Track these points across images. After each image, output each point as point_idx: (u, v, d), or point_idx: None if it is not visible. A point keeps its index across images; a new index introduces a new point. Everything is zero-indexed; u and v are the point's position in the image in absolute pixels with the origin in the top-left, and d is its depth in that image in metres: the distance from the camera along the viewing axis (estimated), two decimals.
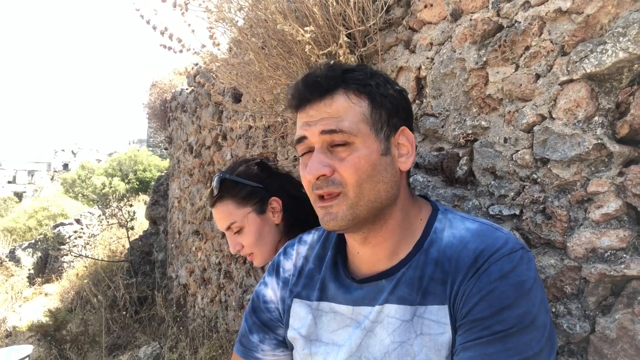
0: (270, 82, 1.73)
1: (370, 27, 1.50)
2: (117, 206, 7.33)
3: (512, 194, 1.09)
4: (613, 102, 0.89)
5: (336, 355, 0.83)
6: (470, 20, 1.19)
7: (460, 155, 1.24)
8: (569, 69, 0.94)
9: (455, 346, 0.73)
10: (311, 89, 0.81)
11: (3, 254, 10.58)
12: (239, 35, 1.74)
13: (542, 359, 0.67)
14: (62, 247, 9.71)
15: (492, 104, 1.14)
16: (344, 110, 0.79)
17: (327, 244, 0.96)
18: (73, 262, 9.62)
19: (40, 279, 9.75)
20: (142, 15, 1.85)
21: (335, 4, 1.45)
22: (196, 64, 3.25)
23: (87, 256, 8.51)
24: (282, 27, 1.28)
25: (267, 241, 1.36)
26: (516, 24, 1.06)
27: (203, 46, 1.93)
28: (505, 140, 1.10)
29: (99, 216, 10.05)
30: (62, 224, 10.35)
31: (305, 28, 1.33)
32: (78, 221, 10.50)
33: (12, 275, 9.59)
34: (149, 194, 9.26)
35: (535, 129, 1.02)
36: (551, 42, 0.98)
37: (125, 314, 5.53)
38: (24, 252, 10.98)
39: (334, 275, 0.90)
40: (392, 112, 0.83)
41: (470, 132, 1.21)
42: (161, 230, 6.95)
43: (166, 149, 7.30)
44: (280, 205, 1.39)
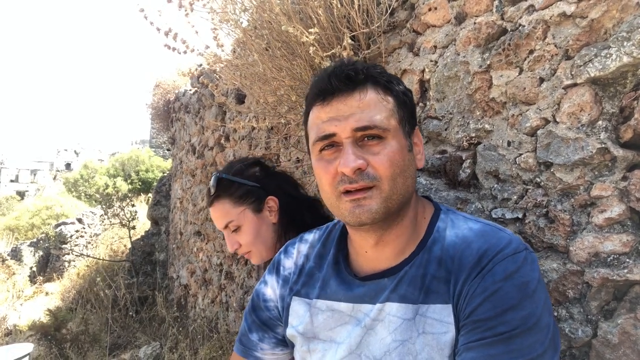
0: (274, 83, 1.74)
1: (374, 29, 1.51)
2: (120, 206, 7.35)
3: (515, 197, 1.09)
4: (617, 106, 0.89)
5: (335, 353, 0.83)
6: (475, 23, 1.19)
7: (464, 158, 1.24)
8: (573, 73, 0.94)
9: (457, 346, 0.72)
10: (343, 81, 0.79)
11: (5, 252, 10.60)
12: (243, 36, 1.75)
13: None
14: (63, 246, 9.73)
15: (496, 107, 1.14)
16: (374, 105, 0.79)
17: (328, 242, 0.97)
18: (74, 261, 9.63)
19: (41, 278, 9.76)
20: (146, 16, 1.86)
21: (339, 6, 1.45)
22: (200, 65, 3.26)
23: (89, 255, 8.53)
24: (286, 29, 1.29)
25: (264, 239, 1.37)
26: (520, 27, 1.06)
27: (207, 47, 1.94)
28: (509, 143, 1.10)
29: (100, 216, 10.07)
30: (64, 223, 10.38)
31: (310, 30, 1.33)
32: (80, 220, 10.52)
33: (14, 274, 9.60)
34: (151, 194, 9.27)
35: (538, 132, 1.02)
36: (555, 46, 0.98)
37: (126, 313, 5.53)
38: (26, 250, 11.00)
39: (336, 273, 0.90)
40: (411, 110, 0.86)
41: (473, 135, 1.21)
42: (163, 230, 6.96)
43: (169, 150, 7.32)
44: (277, 204, 1.40)
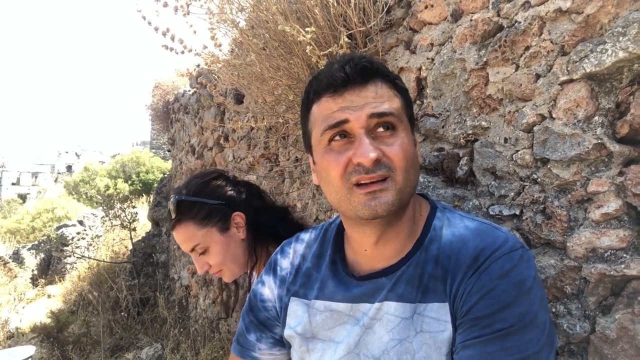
0: (272, 82, 1.74)
1: (370, 27, 1.51)
2: (121, 207, 7.36)
3: (512, 194, 1.09)
4: (613, 101, 0.89)
5: (334, 352, 0.83)
6: (471, 20, 1.19)
7: (461, 156, 1.24)
8: (569, 68, 0.94)
9: (455, 344, 0.72)
10: (359, 73, 0.79)
11: (6, 255, 10.61)
12: (240, 36, 1.75)
13: (542, 357, 0.67)
14: (65, 248, 9.74)
15: (493, 104, 1.14)
16: (388, 98, 0.79)
17: (325, 242, 0.96)
18: (76, 263, 9.65)
19: (43, 280, 9.77)
20: (144, 17, 1.86)
21: (336, 4, 1.45)
22: (198, 66, 3.26)
23: (90, 257, 8.54)
24: (283, 28, 1.29)
25: (234, 257, 1.32)
26: (516, 24, 1.06)
27: (205, 47, 1.94)
28: (506, 140, 1.10)
29: (102, 218, 10.09)
30: (65, 226, 10.39)
31: (307, 29, 1.33)
32: (81, 222, 10.53)
33: (16, 277, 9.62)
34: (151, 195, 9.27)
35: (535, 129, 1.02)
36: (551, 42, 0.98)
37: (127, 315, 5.54)
38: (28, 253, 11.01)
39: (333, 274, 0.89)
40: (412, 109, 0.88)
41: (470, 132, 1.21)
42: (164, 231, 6.97)
43: (169, 151, 7.33)
44: (244, 219, 1.34)
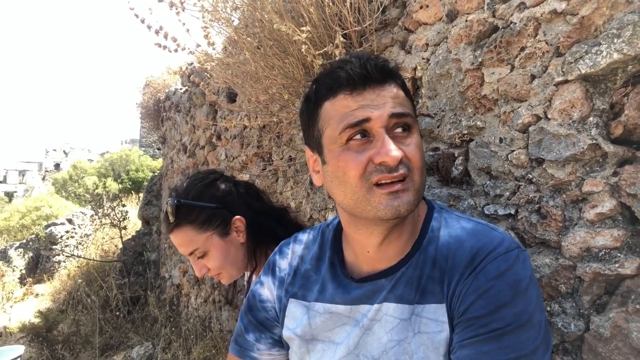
0: (266, 81, 1.73)
1: (366, 27, 1.51)
2: (110, 206, 7.29)
3: (507, 193, 1.10)
4: (607, 102, 0.90)
5: (333, 353, 0.83)
6: (466, 21, 1.19)
7: (456, 155, 1.24)
8: (564, 69, 0.95)
9: (452, 344, 0.73)
10: (378, 71, 0.78)
11: None
12: (234, 34, 1.74)
13: (537, 357, 0.68)
14: (54, 247, 9.64)
15: (488, 104, 1.15)
16: (403, 98, 0.80)
17: (323, 244, 0.96)
18: (65, 262, 9.55)
19: (31, 279, 9.66)
20: (136, 15, 1.84)
21: (331, 4, 1.45)
22: (191, 64, 3.24)
23: (80, 256, 8.45)
24: (278, 27, 1.28)
25: (233, 261, 1.30)
26: (512, 25, 1.06)
27: (198, 45, 1.93)
28: (501, 140, 1.11)
29: (91, 216, 9.99)
30: (54, 224, 10.28)
31: (302, 28, 1.33)
32: (70, 221, 10.42)
33: (3, 276, 9.50)
34: (141, 194, 9.21)
35: (530, 129, 1.03)
36: (546, 43, 0.99)
37: (118, 314, 5.50)
38: (15, 252, 10.87)
39: (332, 276, 0.89)
40: (416, 110, 0.89)
41: (465, 132, 1.21)
42: (154, 230, 6.93)
43: (159, 149, 7.28)
44: (244, 223, 1.31)
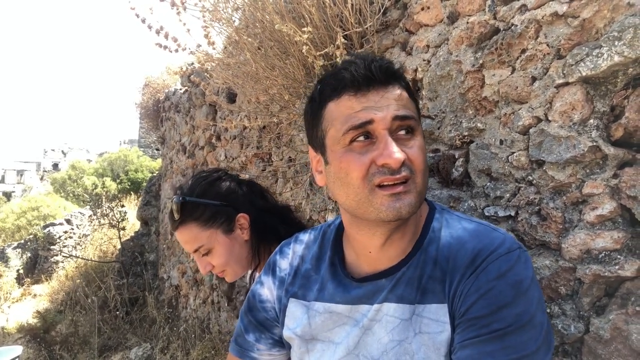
0: (266, 82, 1.73)
1: (367, 28, 1.51)
2: (109, 206, 7.29)
3: (507, 195, 1.10)
4: (608, 105, 0.90)
5: (333, 353, 0.83)
6: (467, 23, 1.19)
7: (456, 157, 1.25)
8: (564, 72, 0.95)
9: (453, 344, 0.73)
10: (383, 72, 0.78)
11: None
12: (235, 34, 1.74)
13: (539, 357, 0.68)
14: (52, 247, 9.62)
15: (488, 106, 1.15)
16: (407, 101, 0.80)
17: (324, 244, 0.96)
18: (63, 262, 9.53)
19: (29, 280, 9.64)
20: (137, 14, 1.84)
21: (332, 5, 1.45)
22: (191, 64, 3.24)
23: (78, 256, 8.44)
24: (280, 28, 1.28)
25: (237, 258, 1.31)
26: (513, 27, 1.07)
27: (199, 46, 1.93)
28: (501, 142, 1.11)
29: (89, 216, 9.97)
30: (53, 224, 10.26)
31: (303, 29, 1.33)
32: (68, 221, 10.40)
33: (1, 276, 9.47)
34: (139, 195, 9.20)
35: (531, 131, 1.03)
36: (547, 45, 0.99)
37: (116, 314, 5.49)
38: (13, 252, 10.85)
39: (332, 275, 0.89)
40: (420, 112, 0.88)
41: (466, 133, 1.21)
42: (152, 231, 6.92)
43: (158, 150, 7.28)
44: (248, 221, 1.32)
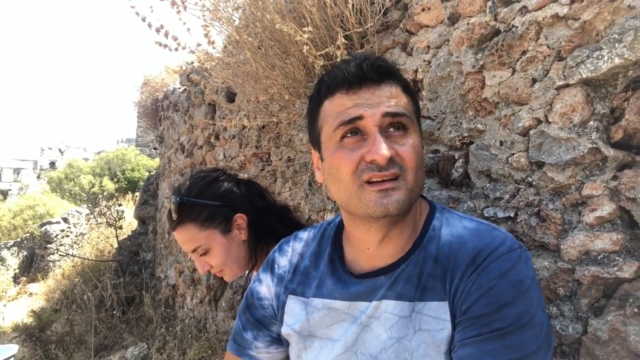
0: (267, 81, 1.73)
1: (367, 29, 1.51)
2: (106, 205, 7.27)
3: (507, 196, 1.10)
4: (608, 107, 0.91)
5: (331, 350, 0.83)
6: (468, 24, 1.20)
7: (456, 158, 1.25)
8: (565, 73, 0.96)
9: (454, 342, 0.73)
10: (375, 71, 0.79)
11: None
12: (235, 34, 1.74)
13: (539, 357, 0.68)
14: (48, 246, 9.58)
15: (489, 107, 1.15)
16: (400, 99, 0.80)
17: (323, 241, 0.96)
18: (59, 261, 9.49)
19: (25, 278, 9.61)
20: (137, 13, 1.84)
21: (333, 5, 1.45)
22: (191, 62, 3.24)
23: (75, 255, 8.41)
24: (281, 27, 1.28)
25: (235, 258, 1.32)
26: (513, 28, 1.07)
27: (199, 44, 1.93)
28: (501, 143, 1.11)
29: (86, 215, 9.95)
30: (49, 223, 10.21)
31: (304, 29, 1.33)
32: (65, 220, 10.36)
33: None
34: (137, 194, 9.18)
35: (531, 132, 1.04)
36: (548, 47, 0.99)
37: (112, 314, 5.47)
38: (9, 250, 10.81)
39: (331, 271, 0.90)
40: (420, 112, 0.89)
41: (466, 134, 1.22)
42: (150, 230, 6.91)
43: (155, 149, 7.27)
44: (246, 221, 1.33)
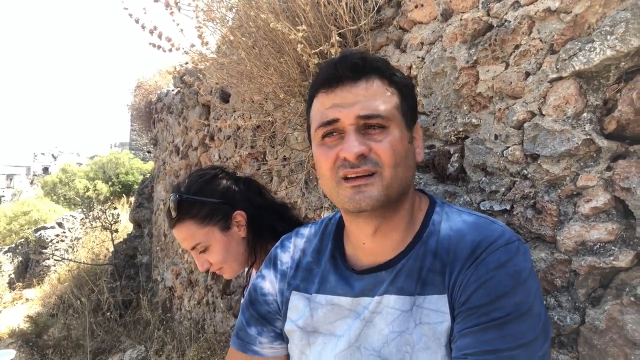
0: (261, 81, 1.73)
1: (361, 26, 1.52)
2: (101, 209, 7.24)
3: (502, 189, 1.11)
4: (601, 98, 0.92)
5: (335, 346, 0.84)
6: (461, 20, 1.21)
7: (452, 153, 1.26)
8: (558, 66, 0.97)
9: (453, 334, 0.74)
10: (349, 69, 0.80)
11: None
12: (229, 34, 1.74)
13: (537, 346, 0.69)
14: (43, 251, 9.53)
15: (483, 101, 1.16)
16: (379, 95, 0.80)
17: (324, 237, 0.97)
18: (55, 266, 9.44)
19: (20, 284, 9.54)
20: (130, 14, 1.84)
21: (327, 3, 1.46)
22: (186, 63, 3.23)
23: (70, 259, 8.37)
24: (275, 26, 1.29)
25: (235, 256, 1.32)
26: (506, 23, 1.08)
27: (192, 45, 1.92)
28: (496, 137, 1.12)
29: (81, 219, 9.90)
30: (44, 228, 10.16)
31: (298, 27, 1.34)
32: (60, 225, 10.31)
33: None
34: (132, 197, 9.14)
35: (525, 125, 1.04)
36: (540, 40, 1.00)
37: (109, 317, 5.45)
38: (4, 256, 10.73)
39: (334, 268, 0.90)
40: (412, 104, 0.88)
41: (461, 129, 1.22)
42: (146, 233, 6.88)
43: (149, 152, 7.25)
44: (245, 218, 1.33)
